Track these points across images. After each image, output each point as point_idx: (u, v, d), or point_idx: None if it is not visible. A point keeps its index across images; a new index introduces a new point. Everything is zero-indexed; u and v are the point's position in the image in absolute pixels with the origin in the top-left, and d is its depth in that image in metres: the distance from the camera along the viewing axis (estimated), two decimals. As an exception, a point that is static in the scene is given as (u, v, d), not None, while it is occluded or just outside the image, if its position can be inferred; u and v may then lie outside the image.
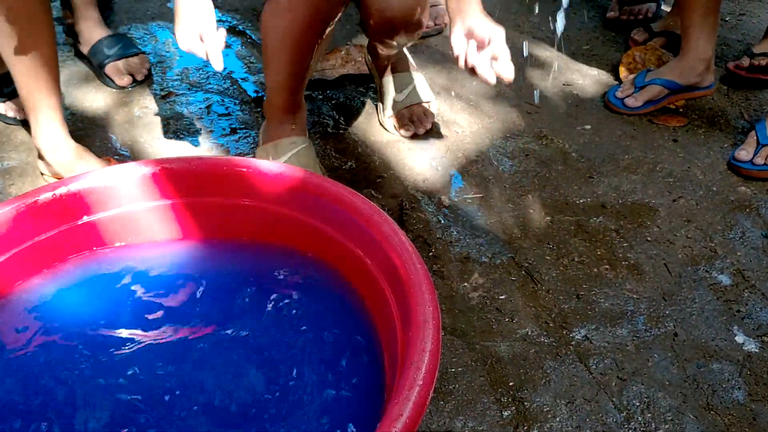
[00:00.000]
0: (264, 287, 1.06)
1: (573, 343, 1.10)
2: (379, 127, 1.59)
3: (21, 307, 1.02)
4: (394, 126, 1.56)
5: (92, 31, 1.70)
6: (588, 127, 1.59)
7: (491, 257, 1.26)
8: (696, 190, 1.40)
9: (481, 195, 1.40)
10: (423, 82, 1.62)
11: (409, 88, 1.59)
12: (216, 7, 2.08)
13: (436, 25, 1.94)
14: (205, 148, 1.52)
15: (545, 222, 1.33)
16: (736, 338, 1.11)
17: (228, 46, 1.90)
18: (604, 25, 1.99)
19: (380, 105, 1.61)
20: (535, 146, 1.53)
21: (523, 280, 1.21)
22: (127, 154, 1.50)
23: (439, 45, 1.90)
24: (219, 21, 2.01)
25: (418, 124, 1.56)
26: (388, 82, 1.59)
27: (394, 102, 1.57)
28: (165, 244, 1.13)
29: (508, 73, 1.13)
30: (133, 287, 1.05)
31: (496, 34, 1.14)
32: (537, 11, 2.06)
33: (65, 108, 1.63)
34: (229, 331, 0.97)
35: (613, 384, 1.04)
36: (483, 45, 1.14)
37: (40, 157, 1.37)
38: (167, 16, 2.03)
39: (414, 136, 1.55)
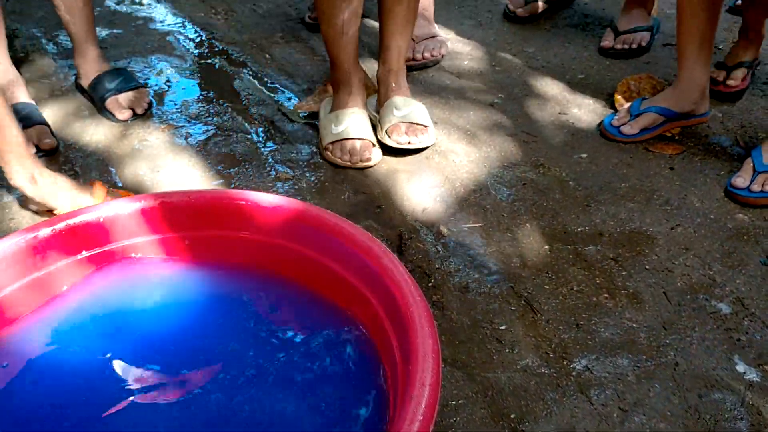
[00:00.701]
0: (262, 321, 1.06)
1: (574, 373, 1.10)
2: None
3: (19, 343, 1.02)
4: (390, 137, 1.58)
5: (92, 65, 1.72)
6: (584, 155, 1.60)
7: (490, 287, 1.26)
8: (693, 217, 1.41)
9: (479, 224, 1.40)
10: (423, 109, 1.64)
11: (410, 108, 1.61)
12: (215, 39, 2.11)
13: (432, 56, 1.96)
14: (204, 180, 1.53)
15: (544, 251, 1.34)
16: (737, 367, 1.10)
17: (232, 77, 1.92)
18: (599, 54, 2.01)
19: (379, 125, 1.63)
20: (532, 175, 1.54)
21: (523, 310, 1.21)
22: (127, 188, 1.50)
23: (436, 76, 1.92)
24: (219, 53, 2.03)
25: (414, 136, 1.58)
26: (390, 103, 1.62)
27: (394, 118, 1.59)
28: (162, 274, 1.13)
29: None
30: (131, 321, 1.05)
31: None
32: (532, 41, 2.09)
33: (63, 139, 1.64)
34: (227, 367, 0.97)
35: (615, 415, 1.03)
36: None
37: (23, 196, 1.37)
38: (167, 49, 2.06)
39: (412, 166, 1.56)
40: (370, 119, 1.71)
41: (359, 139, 1.55)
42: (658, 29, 2.05)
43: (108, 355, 0.98)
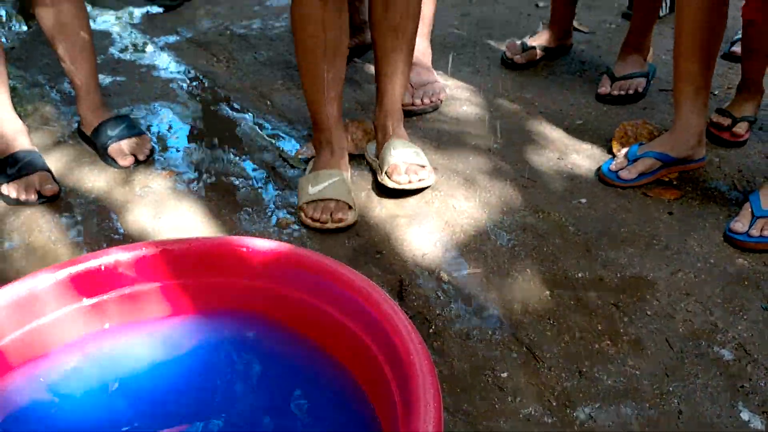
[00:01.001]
0: (262, 367, 1.05)
1: (577, 422, 1.08)
2: (377, 203, 1.61)
3: (19, 392, 1.01)
4: (390, 178, 1.58)
5: (95, 114, 1.74)
6: (583, 200, 1.60)
7: (492, 333, 1.25)
8: (694, 262, 1.41)
9: (480, 270, 1.40)
10: (421, 152, 1.66)
11: (408, 149, 1.63)
12: (217, 86, 2.14)
13: (432, 102, 1.98)
14: (206, 226, 1.53)
15: (545, 297, 1.33)
16: (741, 415, 1.09)
17: (233, 124, 1.94)
18: (597, 100, 2.03)
19: (378, 169, 1.64)
20: (532, 220, 1.54)
21: (525, 357, 1.20)
22: (129, 234, 1.51)
23: (434, 122, 1.94)
24: (221, 100, 2.06)
25: (414, 174, 1.59)
26: (389, 144, 1.63)
27: (393, 158, 1.60)
28: (162, 323, 1.13)
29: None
30: (130, 371, 1.04)
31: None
32: (530, 87, 2.12)
33: (65, 186, 1.65)
34: (223, 418, 0.96)
35: (619, 465, 1.02)
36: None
37: None
38: (169, 96, 2.08)
39: (412, 210, 1.57)
40: (369, 164, 1.73)
41: (335, 200, 1.52)
42: (654, 75, 2.09)
43: (105, 408, 0.97)
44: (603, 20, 2.58)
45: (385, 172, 1.59)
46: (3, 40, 2.44)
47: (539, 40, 2.23)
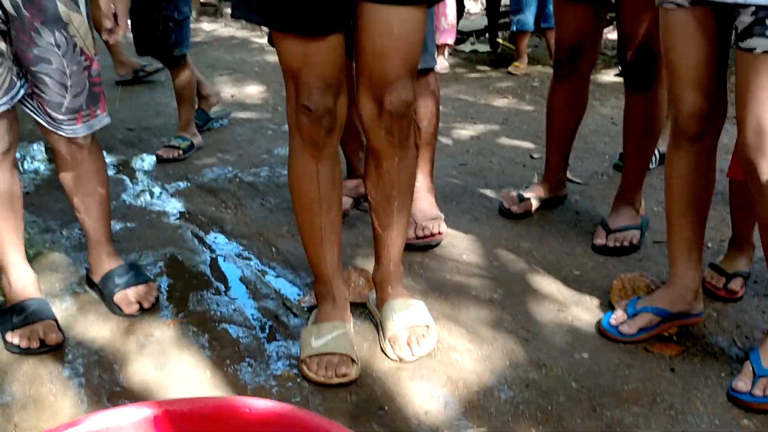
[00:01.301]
0: None
1: None
2: (379, 355, 1.61)
3: None
4: (392, 349, 1.59)
5: (104, 262, 1.78)
6: (585, 355, 1.61)
7: (497, 500, 1.22)
8: (699, 423, 1.40)
9: (483, 429, 1.38)
10: (422, 308, 1.67)
11: (409, 311, 1.64)
12: (224, 233, 2.20)
13: (433, 236, 2.02)
14: (208, 378, 1.53)
15: (550, 459, 1.31)
16: None
17: (239, 270, 1.98)
18: (593, 250, 2.08)
19: (381, 331, 1.65)
20: (534, 375, 1.54)
21: None
22: (130, 387, 1.50)
23: (436, 271, 1.98)
24: (227, 246, 2.11)
25: (416, 345, 1.59)
26: (389, 306, 1.64)
27: (394, 324, 1.61)
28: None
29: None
30: None
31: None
32: (527, 237, 2.17)
33: (69, 334, 1.65)
34: None
35: None
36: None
37: None
38: (177, 242, 2.14)
39: (415, 363, 1.57)
40: (371, 314, 1.75)
41: (338, 354, 1.52)
42: (647, 227, 2.15)
43: None
44: (595, 171, 2.70)
45: (388, 340, 1.60)
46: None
47: (535, 191, 2.32)
